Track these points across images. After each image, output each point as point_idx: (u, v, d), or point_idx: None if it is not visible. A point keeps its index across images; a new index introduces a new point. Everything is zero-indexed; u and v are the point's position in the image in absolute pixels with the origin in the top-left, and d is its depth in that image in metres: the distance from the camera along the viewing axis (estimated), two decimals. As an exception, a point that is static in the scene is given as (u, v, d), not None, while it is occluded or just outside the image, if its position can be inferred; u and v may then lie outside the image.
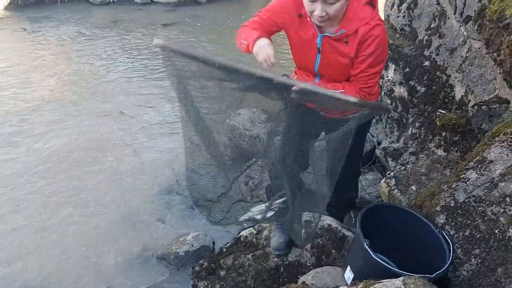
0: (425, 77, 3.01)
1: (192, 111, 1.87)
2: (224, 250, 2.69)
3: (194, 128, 1.92)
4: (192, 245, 2.86)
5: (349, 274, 2.00)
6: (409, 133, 3.12)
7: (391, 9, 3.59)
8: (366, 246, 1.80)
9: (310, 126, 2.02)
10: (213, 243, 2.94)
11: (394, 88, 3.28)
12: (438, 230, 1.87)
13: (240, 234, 2.71)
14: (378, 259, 1.75)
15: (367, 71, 1.89)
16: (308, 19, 1.89)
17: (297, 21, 1.92)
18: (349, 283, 1.96)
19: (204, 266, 2.57)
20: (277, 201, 2.29)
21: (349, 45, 1.86)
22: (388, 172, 2.95)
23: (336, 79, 1.99)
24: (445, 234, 1.84)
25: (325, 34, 1.89)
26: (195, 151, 2.00)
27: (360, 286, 1.61)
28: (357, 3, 1.82)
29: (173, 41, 6.38)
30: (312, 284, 2.14)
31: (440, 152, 2.73)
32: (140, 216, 3.27)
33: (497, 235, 1.75)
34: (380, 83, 3.41)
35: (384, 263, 1.75)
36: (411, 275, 1.59)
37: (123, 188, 3.56)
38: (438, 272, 1.68)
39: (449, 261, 1.72)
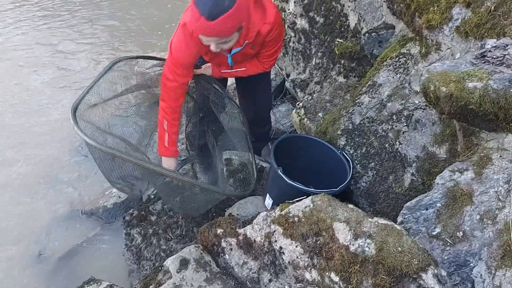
0: (323, 7, 3.16)
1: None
2: (152, 197, 2.79)
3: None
4: (119, 197, 2.92)
5: (268, 201, 2.23)
6: (313, 63, 3.32)
7: None
8: (280, 172, 2.00)
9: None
10: (140, 191, 3.01)
11: (296, 21, 3.41)
12: (339, 151, 2.11)
13: (166, 179, 2.81)
14: (290, 181, 1.96)
15: (272, 49, 2.15)
16: None
17: (206, 49, 1.99)
18: (269, 209, 2.18)
19: (134, 215, 2.67)
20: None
21: (256, 46, 2.05)
22: (298, 102, 3.15)
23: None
24: (345, 154, 2.09)
25: (233, 52, 2.05)
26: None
27: (277, 209, 1.81)
28: (249, 11, 1.88)
29: None
30: (237, 215, 2.34)
31: (340, 79, 2.97)
32: (61, 174, 3.23)
33: (387, 149, 2.04)
34: (283, 16, 3.52)
35: (295, 184, 1.96)
36: (318, 191, 1.82)
37: (40, 146, 3.46)
38: (341, 186, 1.94)
39: (350, 176, 1.98)
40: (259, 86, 2.53)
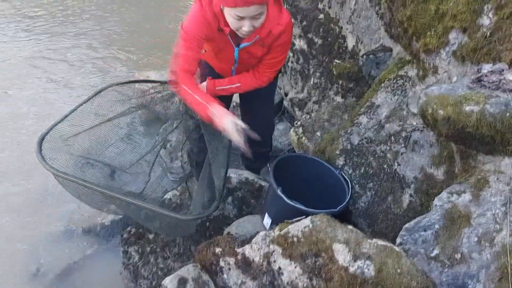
0: (321, 29, 3.22)
1: None
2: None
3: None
4: (117, 214, 2.91)
5: (267, 220, 2.23)
6: (311, 83, 3.36)
7: (286, -37, 3.69)
8: (279, 192, 2.01)
9: None
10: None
11: (295, 42, 3.46)
12: (338, 171, 2.13)
13: (164, 197, 2.81)
14: (289, 201, 1.97)
15: (276, 58, 2.11)
16: (227, 33, 1.94)
17: (216, 34, 1.97)
18: (267, 228, 2.18)
19: (132, 232, 2.66)
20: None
21: (264, 46, 2.02)
22: (296, 121, 3.18)
23: (248, 69, 2.20)
24: (343, 174, 2.11)
25: (241, 47, 2.01)
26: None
27: (276, 229, 1.82)
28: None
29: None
30: (236, 234, 2.34)
31: (338, 98, 3.00)
32: (59, 190, 3.21)
33: (386, 169, 2.06)
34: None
35: (295, 204, 1.97)
36: (318, 212, 1.83)
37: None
38: (340, 206, 1.95)
39: (349, 197, 2.00)
40: (257, 101, 2.48)
